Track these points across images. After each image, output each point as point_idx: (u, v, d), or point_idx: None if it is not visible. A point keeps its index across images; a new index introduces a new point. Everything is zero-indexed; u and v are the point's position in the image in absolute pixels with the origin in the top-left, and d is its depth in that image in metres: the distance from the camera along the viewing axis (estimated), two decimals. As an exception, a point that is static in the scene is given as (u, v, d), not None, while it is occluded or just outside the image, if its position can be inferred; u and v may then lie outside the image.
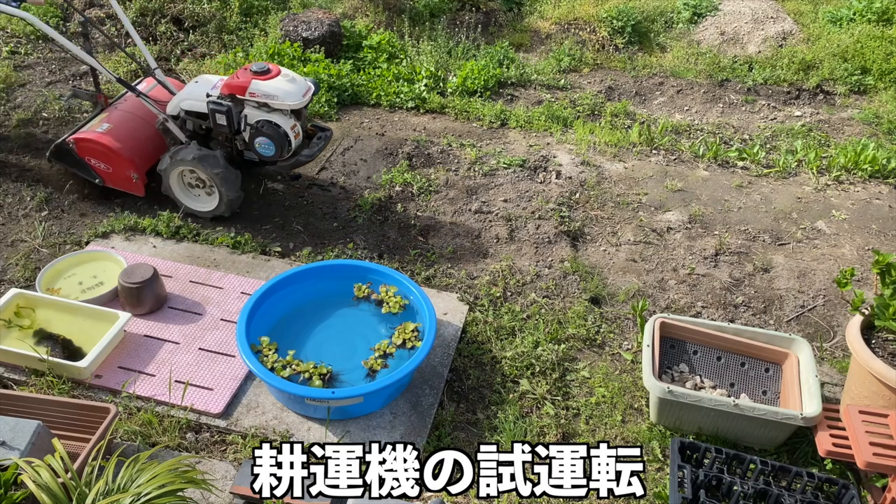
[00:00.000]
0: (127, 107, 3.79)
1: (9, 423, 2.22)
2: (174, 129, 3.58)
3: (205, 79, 3.59)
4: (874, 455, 2.24)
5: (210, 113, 3.40)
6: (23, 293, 3.07)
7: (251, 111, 3.40)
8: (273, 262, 3.52)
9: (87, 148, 3.59)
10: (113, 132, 3.59)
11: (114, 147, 3.53)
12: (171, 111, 3.58)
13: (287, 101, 3.34)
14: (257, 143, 3.40)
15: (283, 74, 3.39)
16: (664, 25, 6.17)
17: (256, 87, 3.34)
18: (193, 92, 3.49)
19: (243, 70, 3.41)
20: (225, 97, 3.40)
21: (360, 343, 3.00)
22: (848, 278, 2.63)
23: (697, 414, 2.65)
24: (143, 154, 3.66)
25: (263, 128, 3.36)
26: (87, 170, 3.67)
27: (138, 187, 3.69)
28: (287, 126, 3.39)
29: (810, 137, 4.77)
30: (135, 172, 3.61)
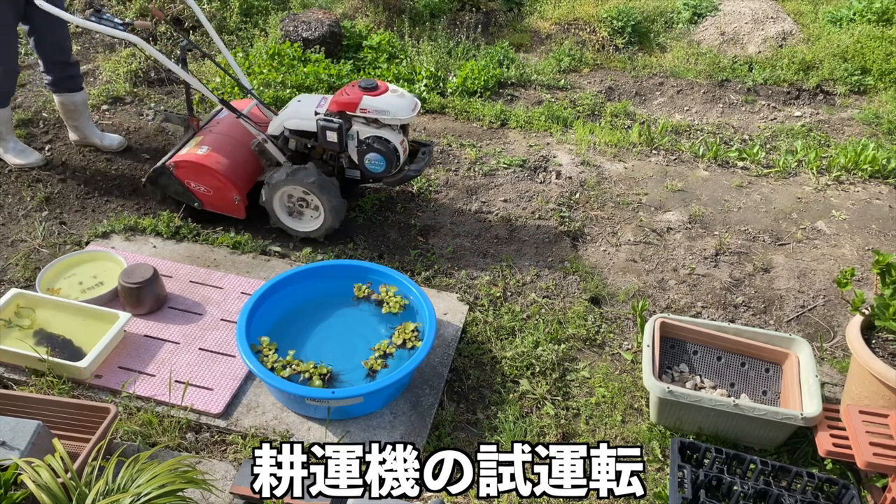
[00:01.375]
0: (221, 129, 3.71)
1: (9, 423, 2.22)
2: (272, 150, 3.51)
3: (307, 97, 3.54)
4: (874, 455, 2.24)
5: (320, 131, 3.35)
6: (23, 293, 3.07)
7: (360, 127, 3.35)
8: (273, 262, 3.52)
9: (188, 171, 3.51)
10: (213, 154, 3.51)
11: (216, 169, 3.46)
12: (274, 131, 3.50)
13: (398, 116, 3.30)
14: (367, 159, 3.35)
15: (392, 90, 3.36)
16: (664, 25, 6.17)
17: (367, 103, 3.29)
18: (299, 111, 3.43)
19: (351, 86, 3.36)
20: (334, 114, 3.35)
21: (360, 343, 3.00)
22: (848, 278, 2.63)
23: (697, 414, 2.65)
24: (243, 176, 3.59)
25: (374, 144, 3.32)
26: (187, 193, 3.60)
27: (239, 210, 3.61)
28: (396, 141, 3.35)
29: (810, 137, 4.77)
30: (237, 194, 3.54)
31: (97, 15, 3.29)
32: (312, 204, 3.52)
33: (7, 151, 4.00)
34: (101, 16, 3.29)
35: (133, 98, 4.91)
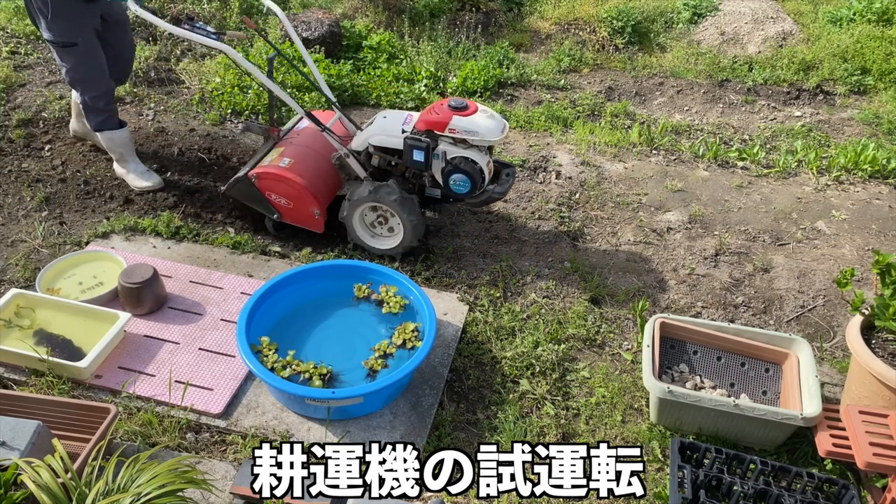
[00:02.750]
0: (303, 140, 3.65)
1: (9, 423, 2.22)
2: (353, 165, 3.45)
3: (393, 114, 3.48)
4: (874, 455, 2.24)
5: (406, 149, 3.27)
6: (23, 293, 3.07)
7: (447, 147, 3.26)
8: (273, 262, 3.52)
9: (270, 183, 3.45)
10: (295, 167, 3.45)
11: (299, 182, 3.39)
12: (358, 146, 3.45)
13: (487, 138, 3.21)
14: (453, 179, 3.27)
15: (482, 110, 3.28)
16: (664, 25, 6.17)
17: (457, 124, 3.21)
18: (385, 127, 3.37)
19: (440, 105, 3.29)
20: (422, 133, 3.28)
21: (360, 343, 3.00)
22: (848, 278, 2.63)
23: (697, 414, 2.65)
24: (324, 190, 3.52)
25: (460, 164, 3.24)
26: (266, 205, 3.54)
27: (319, 224, 3.54)
28: (483, 162, 3.26)
29: (810, 138, 4.77)
30: (317, 208, 3.47)
31: (190, 23, 3.27)
32: (391, 222, 3.47)
33: (129, 173, 3.90)
34: (195, 24, 3.27)
35: (133, 98, 4.91)
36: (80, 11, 3.34)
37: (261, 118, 4.72)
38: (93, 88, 3.61)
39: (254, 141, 4.37)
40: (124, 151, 3.84)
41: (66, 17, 3.32)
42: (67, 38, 3.40)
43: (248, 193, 3.54)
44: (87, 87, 3.60)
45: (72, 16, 3.33)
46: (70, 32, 3.38)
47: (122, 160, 3.91)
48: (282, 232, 3.66)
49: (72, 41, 3.40)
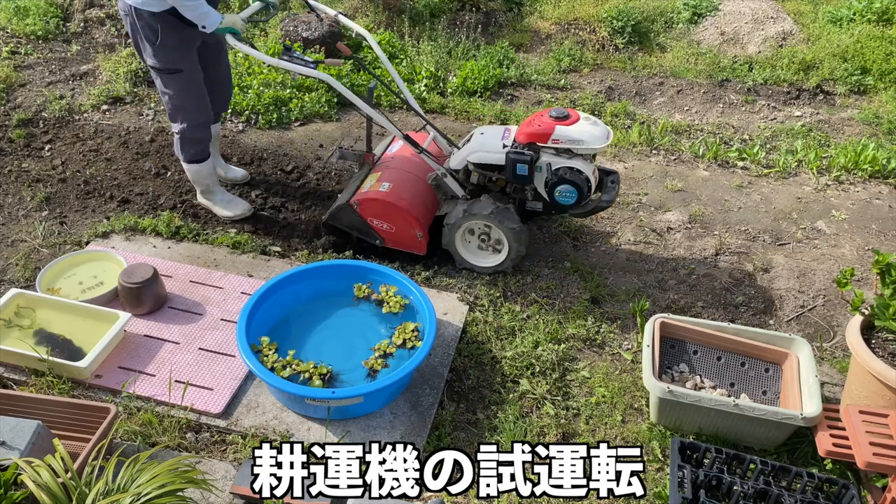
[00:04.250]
0: (398, 164, 3.61)
1: (9, 423, 2.22)
2: (451, 184, 3.41)
3: (490, 129, 3.42)
4: (874, 455, 2.24)
5: (509, 163, 3.19)
6: (23, 293, 3.07)
7: (550, 158, 3.18)
8: (273, 262, 3.52)
9: (372, 208, 3.40)
10: (395, 191, 3.41)
11: (401, 206, 3.36)
12: (456, 165, 3.39)
13: (593, 146, 3.13)
14: (559, 191, 3.19)
15: (584, 118, 3.20)
16: (664, 25, 6.17)
17: (561, 133, 3.13)
18: (484, 143, 3.30)
19: (539, 116, 3.21)
20: (523, 146, 3.20)
21: (360, 343, 3.00)
22: (848, 278, 2.63)
23: (697, 414, 2.65)
24: (425, 212, 3.48)
25: (566, 175, 3.15)
26: (369, 231, 3.49)
27: (422, 246, 3.49)
28: (588, 171, 3.18)
29: (810, 137, 4.77)
30: (420, 231, 3.42)
31: (288, 54, 3.25)
32: (494, 237, 3.41)
33: (216, 204, 3.79)
34: (292, 55, 3.25)
35: (133, 98, 4.91)
36: (186, 37, 3.28)
37: (260, 118, 4.72)
38: (194, 118, 3.49)
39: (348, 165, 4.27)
40: (210, 182, 3.74)
41: (173, 44, 3.25)
42: (173, 65, 3.31)
43: (350, 221, 3.48)
44: (189, 115, 3.48)
45: (179, 42, 3.26)
46: (176, 59, 3.30)
47: (207, 192, 3.79)
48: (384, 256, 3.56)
49: (177, 68, 3.32)
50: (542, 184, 3.24)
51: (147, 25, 3.20)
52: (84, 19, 5.72)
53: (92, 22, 5.73)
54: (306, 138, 4.62)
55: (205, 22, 3.14)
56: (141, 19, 3.19)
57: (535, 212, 3.43)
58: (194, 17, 3.12)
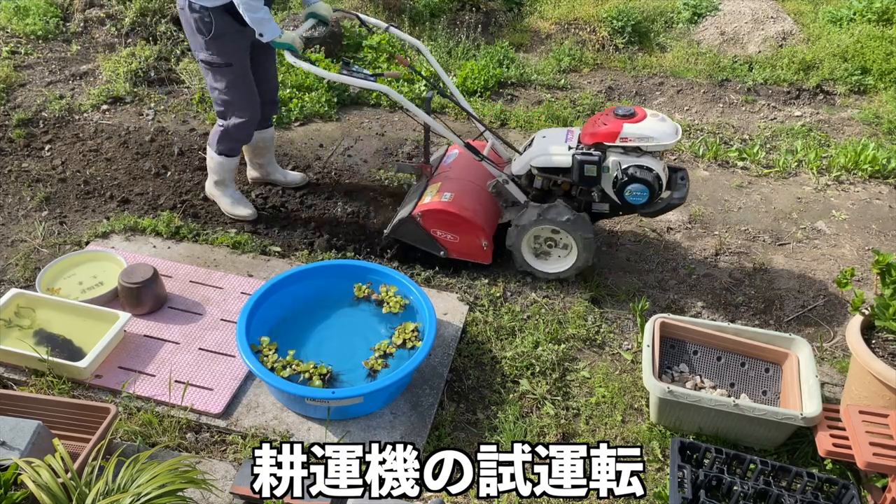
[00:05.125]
0: (457, 173, 3.56)
1: (9, 423, 2.22)
2: (513, 190, 3.37)
3: (552, 132, 3.38)
4: (874, 455, 2.24)
5: (578, 165, 3.14)
6: (23, 293, 3.07)
7: (618, 157, 3.12)
8: (273, 262, 3.52)
9: (436, 219, 3.35)
10: (458, 200, 3.35)
11: (466, 216, 3.30)
12: (520, 170, 3.36)
13: (663, 142, 3.07)
14: (629, 190, 3.13)
15: (651, 114, 3.15)
16: (664, 25, 6.17)
17: (629, 131, 3.08)
18: (548, 147, 3.24)
19: (605, 116, 3.17)
20: (590, 147, 3.16)
21: (360, 343, 3.00)
22: (848, 278, 2.63)
23: (697, 414, 2.65)
24: (488, 220, 3.42)
25: (636, 174, 3.09)
26: (432, 242, 3.43)
27: (487, 255, 3.43)
28: (659, 169, 3.12)
29: (810, 137, 4.77)
30: (485, 240, 3.37)
31: (347, 68, 3.23)
32: (561, 243, 3.35)
33: (223, 197, 3.81)
34: (351, 68, 3.23)
35: (133, 98, 4.91)
36: (239, 33, 3.28)
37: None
38: (242, 114, 3.49)
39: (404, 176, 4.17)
40: (227, 177, 3.75)
41: (226, 37, 3.25)
42: (225, 59, 3.31)
43: (412, 234, 3.43)
44: (237, 111, 3.47)
45: (231, 36, 3.26)
46: (227, 53, 3.30)
47: (221, 184, 3.78)
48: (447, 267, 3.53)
49: (228, 62, 3.32)
50: (609, 184, 3.19)
51: (201, 19, 3.21)
52: (84, 19, 5.73)
53: (92, 22, 5.73)
54: (306, 138, 4.62)
55: (263, 30, 3.12)
56: (195, 12, 3.21)
57: (602, 214, 3.37)
58: (253, 23, 3.09)
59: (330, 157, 4.41)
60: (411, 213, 3.38)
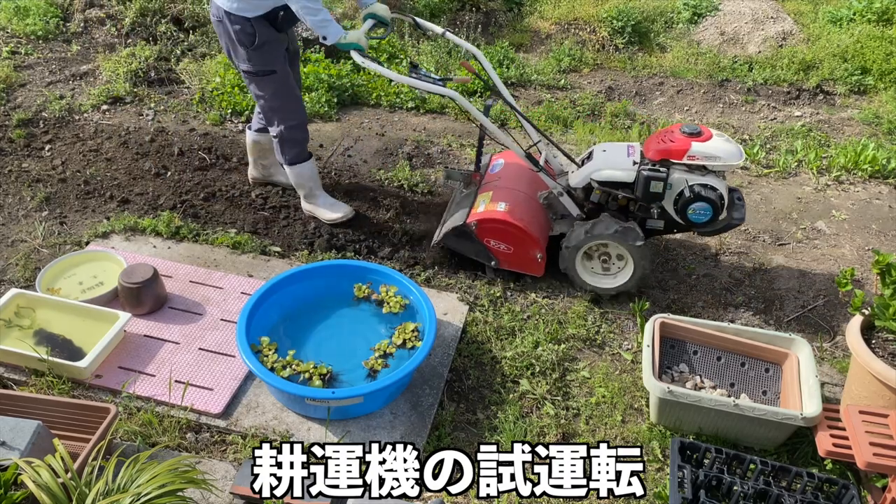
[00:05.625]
0: (508, 183, 3.50)
1: (9, 423, 2.22)
2: (567, 203, 3.32)
3: (612, 146, 3.32)
4: (874, 455, 2.24)
5: (643, 181, 3.10)
6: (23, 293, 3.07)
7: (684, 175, 3.09)
8: (273, 262, 3.52)
9: (490, 229, 3.28)
10: (513, 211, 3.29)
11: (521, 226, 3.24)
12: (577, 183, 3.30)
13: (730, 162, 3.06)
14: (692, 209, 3.10)
15: (717, 134, 3.12)
16: (664, 25, 6.17)
17: (697, 150, 3.05)
18: (610, 161, 3.21)
19: (670, 133, 3.13)
20: (655, 163, 3.13)
21: (360, 343, 3.00)
22: (848, 278, 2.63)
23: (697, 414, 2.65)
24: (542, 232, 3.36)
25: (701, 192, 3.06)
26: (484, 252, 3.37)
27: (540, 267, 3.37)
28: (723, 188, 3.10)
29: (810, 137, 4.77)
30: (539, 252, 3.31)
31: (415, 71, 3.20)
32: (615, 255, 3.30)
33: (319, 207, 3.73)
34: (419, 72, 3.20)
35: (133, 98, 4.91)
36: (277, 39, 3.28)
37: (261, 118, 4.71)
38: (292, 118, 3.47)
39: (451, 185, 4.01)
40: (313, 185, 3.69)
41: (267, 45, 3.23)
42: (268, 67, 3.29)
43: (464, 243, 3.38)
44: (286, 116, 3.45)
45: (272, 44, 3.25)
46: (270, 60, 3.28)
47: (310, 195, 3.73)
48: (498, 275, 3.49)
49: (271, 69, 3.30)
50: (671, 201, 3.15)
51: (242, 30, 3.17)
52: (84, 19, 5.73)
53: (92, 22, 5.73)
54: (306, 138, 4.62)
55: (326, 33, 3.07)
56: (236, 24, 3.16)
57: (656, 230, 3.31)
58: (315, 26, 3.05)
59: (330, 157, 4.41)
60: (465, 222, 3.31)
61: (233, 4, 3.12)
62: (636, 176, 3.14)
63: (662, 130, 3.21)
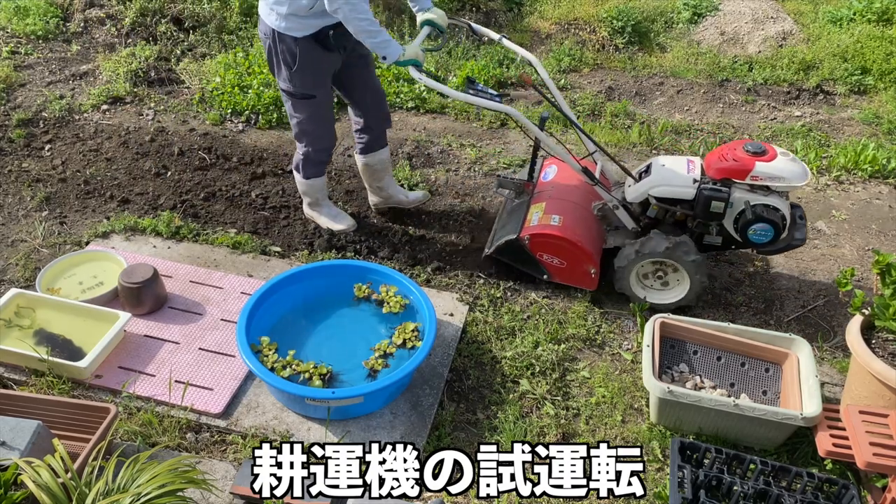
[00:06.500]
0: (560, 193, 3.45)
1: (9, 423, 2.22)
2: (622, 216, 3.28)
3: (671, 161, 3.23)
4: (874, 455, 2.24)
5: (703, 200, 3.03)
6: (23, 293, 3.07)
7: (745, 195, 3.03)
8: (273, 262, 3.52)
9: (544, 243, 3.23)
10: (568, 225, 3.24)
11: (575, 241, 3.19)
12: (635, 198, 3.23)
13: (794, 183, 2.99)
14: (753, 229, 3.02)
15: (782, 153, 3.04)
16: (664, 25, 6.17)
17: (762, 170, 2.98)
18: (669, 177, 3.13)
19: (733, 151, 3.05)
20: (717, 181, 3.05)
21: (360, 343, 3.00)
22: (848, 278, 2.63)
23: (697, 414, 2.65)
24: (596, 246, 3.30)
25: (762, 213, 3.00)
26: (535, 265, 3.32)
27: (593, 282, 3.30)
28: (785, 209, 3.02)
29: (810, 137, 4.77)
30: (593, 267, 3.24)
31: (472, 86, 3.12)
32: (670, 269, 3.25)
33: (322, 216, 3.71)
34: (476, 87, 3.13)
35: (133, 98, 4.91)
36: (324, 63, 3.18)
37: (260, 118, 4.71)
38: (319, 143, 3.42)
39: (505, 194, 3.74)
40: (320, 196, 3.66)
41: (311, 68, 3.15)
42: (308, 91, 3.21)
43: (516, 255, 3.34)
44: (315, 140, 3.40)
45: (316, 67, 3.17)
46: (310, 85, 3.21)
47: (315, 204, 3.70)
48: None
49: (311, 94, 3.22)
50: (731, 220, 3.09)
51: (287, 50, 3.09)
52: (84, 19, 5.72)
53: (92, 22, 5.73)
54: (306, 138, 4.61)
55: (385, 52, 2.98)
56: (282, 43, 3.09)
57: (713, 246, 3.24)
58: (375, 48, 2.97)
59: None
60: (519, 235, 3.27)
61: (281, 23, 3.04)
62: (696, 194, 3.07)
63: (724, 147, 3.12)
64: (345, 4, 2.83)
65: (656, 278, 3.30)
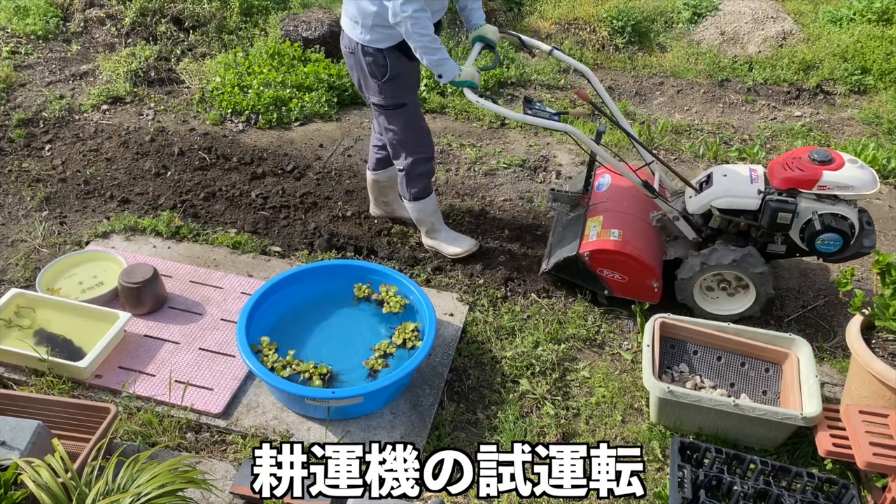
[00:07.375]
0: (617, 206, 3.37)
1: (9, 423, 2.22)
2: (682, 227, 3.21)
3: (732, 170, 3.16)
4: (874, 455, 2.24)
5: (770, 212, 2.95)
6: (23, 293, 3.07)
7: (812, 204, 2.94)
8: (273, 262, 3.52)
9: (604, 259, 3.15)
10: (628, 240, 3.16)
11: (637, 256, 3.11)
12: (697, 210, 3.15)
13: (863, 192, 2.90)
14: (821, 239, 2.94)
15: (849, 160, 2.96)
16: (664, 25, 6.17)
17: (829, 180, 2.90)
18: (732, 188, 3.06)
19: (799, 159, 2.97)
20: (783, 192, 2.98)
21: (360, 343, 3.00)
22: (848, 278, 2.63)
23: (697, 414, 2.65)
24: (657, 259, 3.23)
25: (831, 223, 2.91)
26: (596, 281, 3.24)
27: (656, 296, 3.21)
28: (854, 217, 2.94)
29: (810, 137, 4.77)
30: (656, 281, 3.16)
31: (530, 107, 3.07)
32: (734, 280, 3.18)
33: (442, 242, 3.56)
34: (533, 106, 3.06)
35: (133, 98, 4.91)
36: (410, 70, 3.14)
37: (260, 118, 4.71)
38: (420, 151, 3.30)
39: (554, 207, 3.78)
40: (434, 220, 3.53)
41: (399, 77, 3.10)
42: (399, 100, 3.15)
43: (576, 271, 3.26)
44: (415, 149, 3.29)
45: (403, 76, 3.12)
46: (401, 93, 3.15)
47: (432, 230, 3.57)
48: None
49: (402, 102, 3.16)
50: (797, 230, 3.02)
51: (374, 62, 3.04)
52: (84, 19, 5.72)
53: (92, 22, 5.73)
54: (306, 138, 4.62)
55: (441, 71, 2.94)
56: (368, 56, 3.04)
57: (777, 254, 3.17)
58: (432, 65, 2.93)
59: (330, 157, 4.41)
60: (578, 252, 3.19)
61: (366, 36, 2.99)
62: (762, 205, 3.00)
63: (789, 155, 3.05)
64: (408, 19, 2.79)
65: (720, 289, 3.23)
